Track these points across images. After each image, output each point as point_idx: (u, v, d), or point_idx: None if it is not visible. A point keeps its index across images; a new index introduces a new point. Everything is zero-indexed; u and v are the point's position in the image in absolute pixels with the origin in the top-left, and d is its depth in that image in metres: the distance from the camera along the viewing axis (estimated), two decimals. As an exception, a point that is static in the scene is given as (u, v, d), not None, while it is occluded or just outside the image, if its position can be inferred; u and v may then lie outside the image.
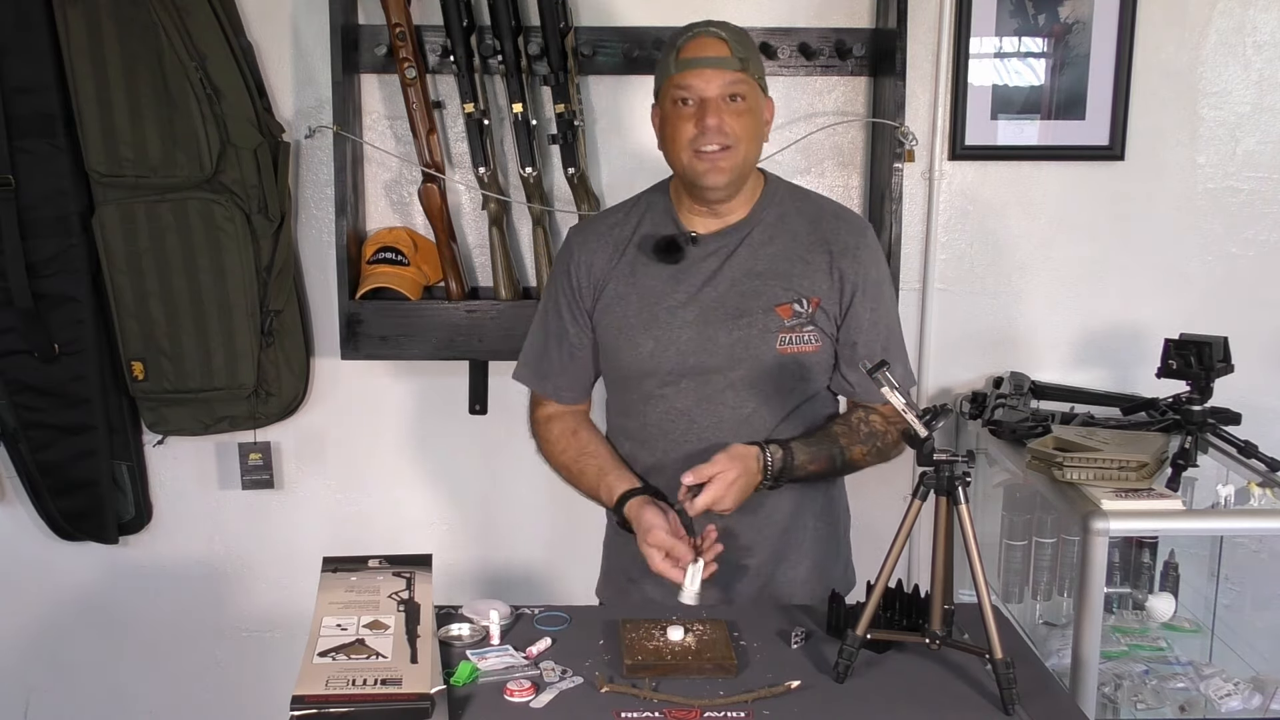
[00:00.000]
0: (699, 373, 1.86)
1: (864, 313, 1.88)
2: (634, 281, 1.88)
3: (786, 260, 1.86)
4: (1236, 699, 2.11)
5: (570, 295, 1.92)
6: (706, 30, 1.81)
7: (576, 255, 1.92)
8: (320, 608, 1.69)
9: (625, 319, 1.88)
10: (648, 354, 1.86)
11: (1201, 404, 2.25)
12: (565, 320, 1.93)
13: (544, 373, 1.98)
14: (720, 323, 1.84)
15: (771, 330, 1.84)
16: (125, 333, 2.50)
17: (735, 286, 1.85)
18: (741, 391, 1.87)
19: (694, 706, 1.54)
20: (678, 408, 1.89)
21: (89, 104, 2.38)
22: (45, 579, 2.77)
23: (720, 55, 1.78)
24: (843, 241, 1.87)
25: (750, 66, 1.81)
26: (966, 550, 1.60)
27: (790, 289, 1.85)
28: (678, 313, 1.85)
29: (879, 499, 2.73)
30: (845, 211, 1.96)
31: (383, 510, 2.76)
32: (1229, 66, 2.60)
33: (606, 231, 1.93)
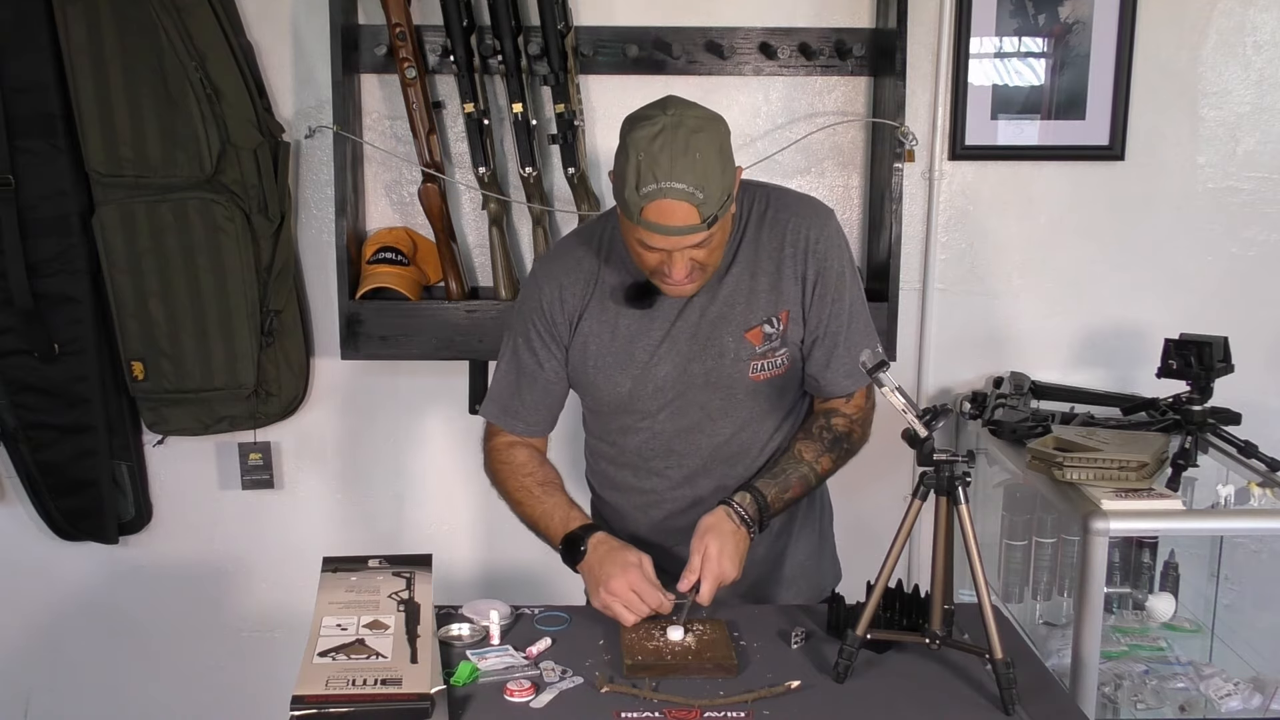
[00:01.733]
0: (675, 403, 1.85)
1: (825, 305, 1.82)
2: (606, 320, 1.83)
3: (752, 276, 1.80)
4: (1236, 699, 2.11)
5: (544, 329, 1.85)
6: (671, 191, 1.59)
7: (547, 290, 1.85)
8: (320, 608, 1.69)
9: (601, 357, 1.84)
10: (626, 392, 1.84)
11: (1201, 404, 2.25)
12: (540, 356, 1.87)
13: (514, 411, 1.92)
14: (694, 355, 1.81)
15: (744, 359, 1.81)
16: (125, 333, 2.50)
17: (705, 315, 1.80)
18: (719, 419, 1.86)
19: (694, 706, 1.54)
20: (657, 438, 1.88)
21: (89, 104, 2.38)
22: (45, 579, 2.77)
23: (687, 224, 1.61)
24: (803, 238, 1.80)
25: (718, 216, 1.63)
26: (966, 550, 1.59)
27: (758, 310, 1.80)
28: (654, 350, 1.82)
29: (879, 499, 2.74)
30: (803, 204, 1.85)
31: (383, 510, 2.76)
32: (1229, 66, 2.60)
33: (574, 266, 1.85)
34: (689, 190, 1.59)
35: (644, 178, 1.59)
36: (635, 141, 1.61)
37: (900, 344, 2.55)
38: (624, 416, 1.88)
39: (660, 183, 1.59)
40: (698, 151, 1.60)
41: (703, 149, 1.60)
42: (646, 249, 1.67)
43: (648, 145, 1.60)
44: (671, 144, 1.59)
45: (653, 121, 1.61)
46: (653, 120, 1.61)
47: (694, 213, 1.60)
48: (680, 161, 1.59)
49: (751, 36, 2.51)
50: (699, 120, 1.63)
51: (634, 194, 1.61)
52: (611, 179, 1.69)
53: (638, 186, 1.60)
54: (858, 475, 2.70)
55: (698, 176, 1.59)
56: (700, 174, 1.59)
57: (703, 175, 1.60)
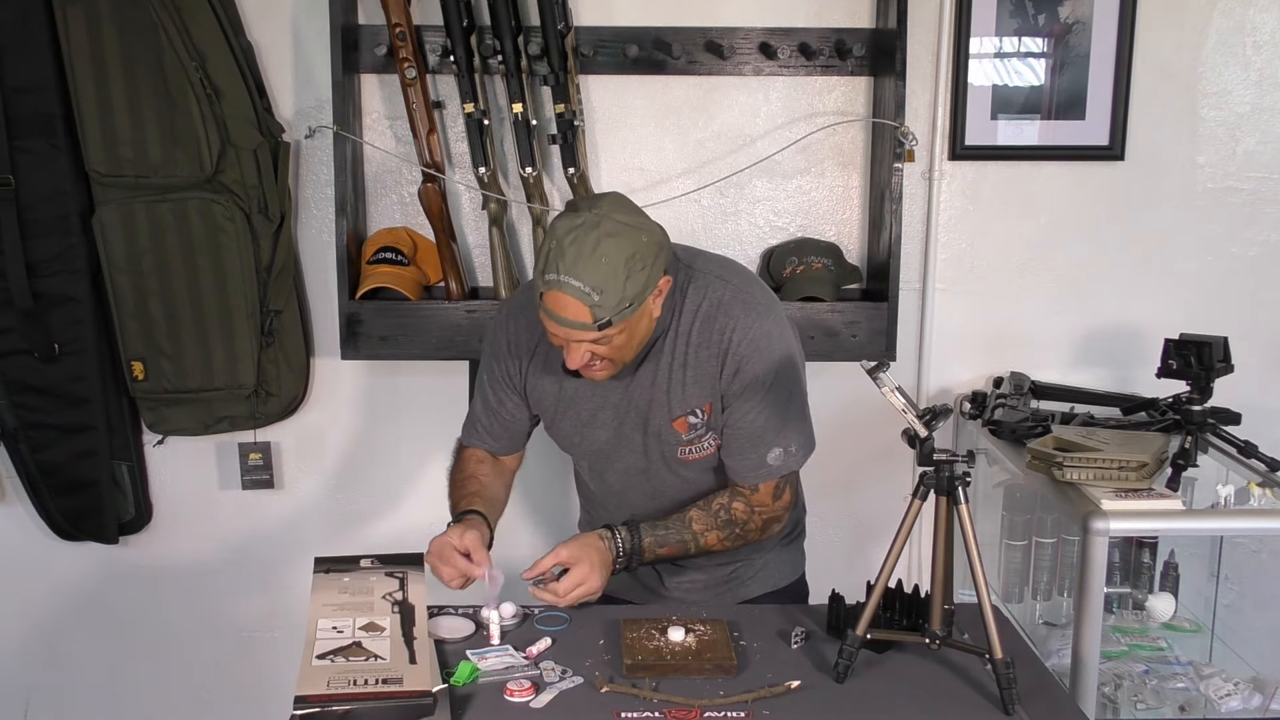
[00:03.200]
0: (622, 463, 1.94)
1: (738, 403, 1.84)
2: (552, 379, 1.91)
3: (681, 369, 1.83)
4: (1236, 699, 2.11)
5: (502, 375, 1.95)
6: (566, 285, 1.64)
7: (501, 342, 1.94)
8: (314, 610, 1.69)
9: (550, 411, 1.94)
10: (577, 444, 1.96)
11: (1201, 404, 2.25)
12: (501, 396, 1.96)
13: (478, 435, 2.02)
14: (633, 426, 1.89)
15: (672, 444, 1.89)
16: (125, 333, 2.50)
17: (642, 394, 1.86)
18: (655, 484, 1.94)
19: (694, 706, 1.54)
20: (604, 483, 2.00)
21: (89, 104, 2.38)
22: (45, 579, 2.77)
23: (578, 320, 1.66)
24: (727, 338, 1.81)
25: (615, 319, 1.67)
26: (966, 550, 1.60)
27: (685, 401, 1.85)
28: (596, 415, 1.90)
29: (879, 499, 2.74)
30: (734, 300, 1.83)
31: (382, 510, 2.76)
32: (1229, 66, 2.60)
33: (530, 321, 1.85)
34: (584, 289, 1.64)
35: (549, 265, 1.66)
36: (554, 229, 1.68)
37: (900, 344, 2.54)
38: (581, 461, 2.02)
39: (560, 275, 1.65)
40: (604, 256, 1.64)
41: (610, 254, 1.65)
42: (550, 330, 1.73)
43: (561, 236, 1.66)
44: (582, 241, 1.64)
45: (576, 215, 1.68)
46: (577, 214, 1.68)
47: (586, 312, 1.66)
48: (583, 262, 1.64)
49: (751, 36, 2.51)
50: (619, 226, 1.67)
51: (539, 277, 1.68)
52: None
53: (543, 272, 1.67)
54: (858, 475, 2.72)
55: (597, 279, 1.64)
56: (600, 278, 1.64)
57: (603, 279, 1.64)
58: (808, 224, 2.62)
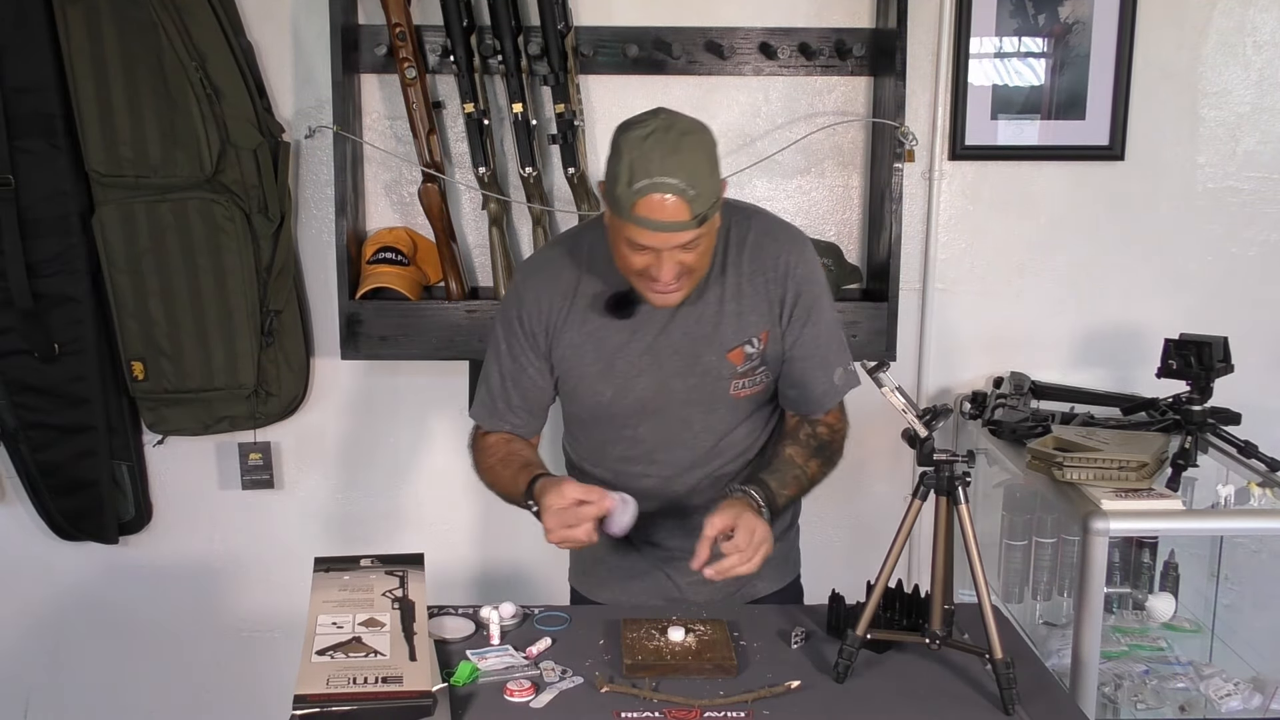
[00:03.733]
0: (657, 415, 1.88)
1: (801, 328, 1.86)
2: (588, 331, 1.85)
3: (735, 299, 1.83)
4: (1236, 699, 2.11)
5: (525, 339, 1.87)
6: (663, 185, 1.61)
7: (527, 299, 1.86)
8: (314, 606, 1.68)
9: (583, 368, 1.86)
10: (607, 401, 1.87)
11: (1201, 404, 2.25)
12: (522, 363, 1.88)
13: (500, 413, 1.92)
14: (676, 371, 1.84)
15: (725, 377, 1.85)
16: (125, 333, 2.50)
17: (688, 334, 1.83)
18: (698, 431, 1.90)
19: (694, 706, 1.54)
20: (638, 447, 1.91)
21: (89, 104, 2.38)
22: (45, 579, 2.77)
23: (677, 220, 1.63)
24: (782, 263, 1.83)
25: (708, 214, 1.66)
26: (966, 550, 1.60)
27: (741, 331, 1.83)
28: (634, 362, 1.84)
29: (879, 499, 2.74)
30: (783, 230, 1.89)
31: (383, 510, 2.76)
32: (1229, 66, 2.60)
33: (553, 276, 1.86)
34: (680, 185, 1.61)
35: (637, 173, 1.62)
36: (628, 141, 1.65)
37: (900, 344, 2.54)
38: (606, 426, 1.92)
39: (653, 177, 1.61)
40: (688, 151, 1.63)
41: (693, 149, 1.64)
42: (635, 249, 1.68)
43: (640, 143, 1.63)
44: (663, 142, 1.63)
45: (645, 124, 1.65)
46: (645, 124, 1.66)
47: (685, 208, 1.63)
48: (671, 159, 1.62)
49: (751, 36, 2.51)
50: (690, 124, 1.67)
51: (626, 190, 1.63)
52: (600, 187, 1.72)
53: (630, 182, 1.62)
54: (858, 475, 2.72)
55: (689, 173, 1.62)
56: (691, 171, 1.62)
57: (693, 172, 1.63)
58: (808, 224, 2.62)
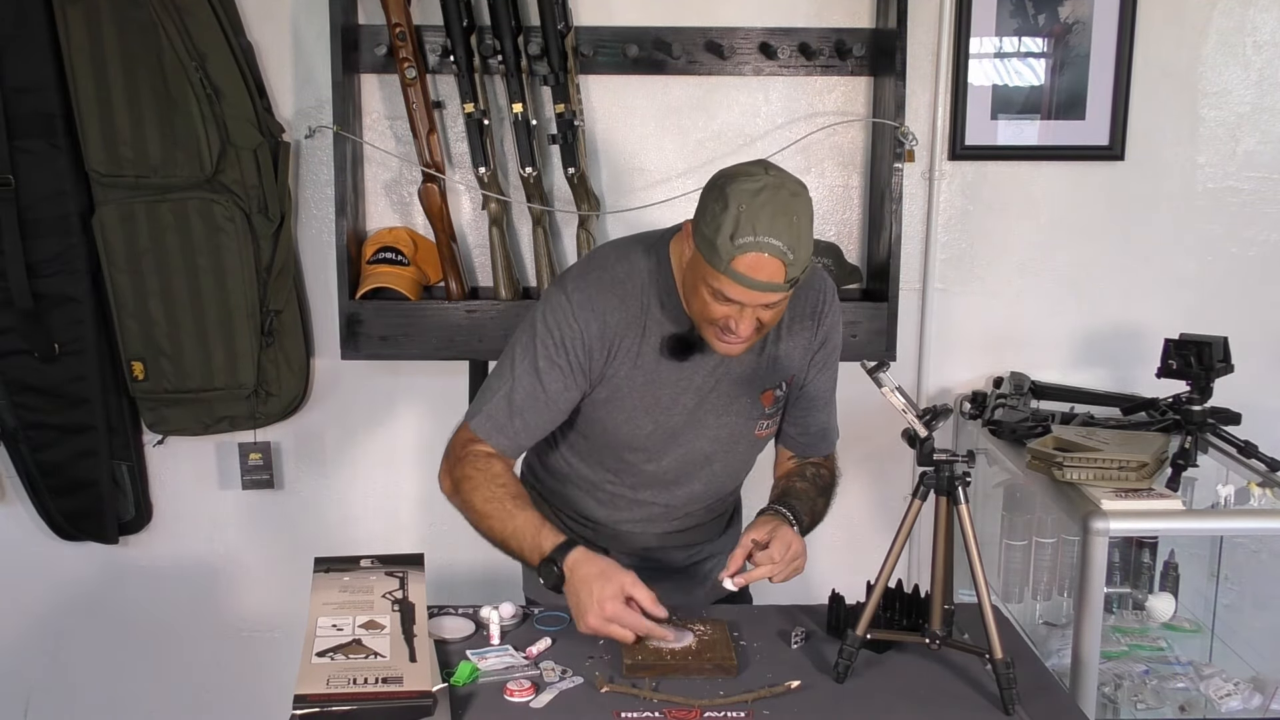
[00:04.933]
0: (684, 449, 1.89)
1: (822, 374, 1.90)
2: (644, 367, 1.80)
3: (775, 344, 1.84)
4: (1236, 699, 2.11)
5: (575, 360, 1.78)
6: (768, 246, 1.59)
7: (591, 321, 1.77)
8: (314, 608, 1.69)
9: (629, 399, 1.82)
10: (644, 434, 1.85)
11: (1201, 404, 2.25)
12: (558, 386, 1.79)
13: (511, 431, 1.82)
14: (711, 410, 1.85)
15: (754, 418, 1.88)
16: (125, 333, 2.50)
17: (732, 374, 1.83)
18: (715, 465, 1.92)
19: (694, 706, 1.54)
20: (651, 475, 1.91)
21: (89, 104, 2.38)
22: (45, 579, 2.77)
23: (773, 282, 1.61)
24: (820, 310, 1.86)
25: (800, 278, 1.65)
26: (966, 550, 1.60)
27: (775, 374, 1.86)
28: (678, 399, 1.83)
29: (879, 499, 2.74)
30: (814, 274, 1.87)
31: (382, 510, 2.76)
32: (1229, 66, 2.60)
33: (620, 302, 1.78)
34: (783, 249, 1.59)
35: (743, 229, 1.59)
36: (737, 193, 1.61)
37: (900, 344, 2.54)
38: (629, 454, 1.89)
39: (759, 236, 1.59)
40: (795, 214, 1.61)
41: (800, 213, 1.62)
42: (720, 300, 1.65)
43: (751, 199, 1.60)
44: (774, 201, 1.60)
45: (754, 178, 1.62)
46: (754, 177, 1.62)
47: (782, 271, 1.61)
48: (780, 220, 1.60)
49: (751, 36, 2.51)
50: (797, 185, 1.64)
51: (727, 243, 1.60)
52: (689, 228, 1.69)
53: (734, 236, 1.59)
54: (858, 475, 2.72)
55: (792, 237, 1.60)
56: (794, 236, 1.61)
57: (796, 237, 1.61)
58: (808, 224, 2.62)
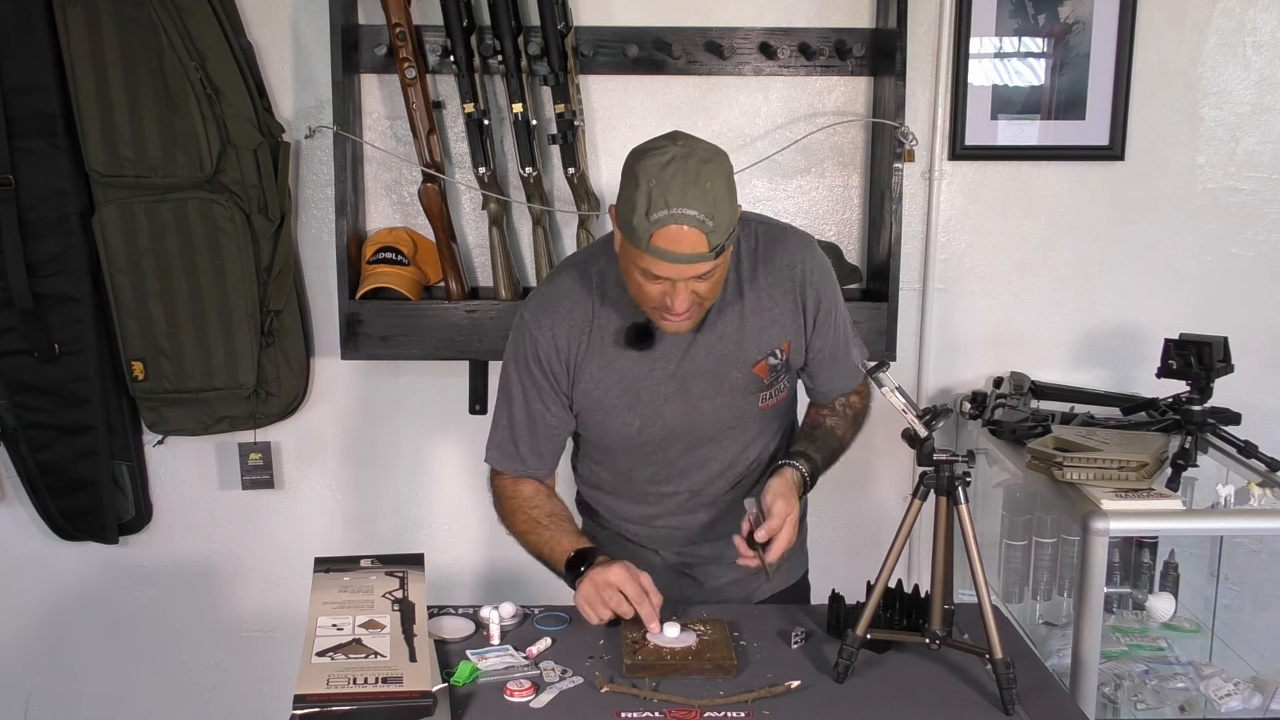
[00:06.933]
0: (688, 437, 1.88)
1: (826, 331, 1.88)
2: (609, 365, 1.82)
3: (755, 313, 1.82)
4: (1236, 699, 2.11)
5: (543, 379, 1.83)
6: (683, 217, 1.58)
7: (542, 339, 1.82)
8: (314, 608, 1.69)
9: (608, 401, 1.84)
10: (635, 430, 1.86)
11: (1201, 404, 2.25)
12: (541, 407, 1.85)
13: (520, 457, 1.89)
14: (703, 393, 1.83)
15: (753, 392, 1.86)
16: (125, 333, 2.50)
17: (711, 355, 1.82)
18: (727, 445, 1.90)
19: (694, 706, 1.54)
20: (669, 468, 1.91)
21: (89, 104, 2.38)
22: (45, 579, 2.77)
23: (696, 252, 1.60)
24: (798, 271, 1.82)
25: (725, 245, 1.63)
26: (966, 550, 1.60)
27: (764, 344, 1.83)
28: (659, 389, 1.83)
29: (879, 499, 2.74)
30: (786, 235, 1.87)
31: (382, 510, 2.76)
32: (1229, 66, 2.60)
33: (568, 312, 1.82)
34: (699, 218, 1.58)
35: (655, 204, 1.59)
36: (645, 169, 1.60)
37: (900, 344, 2.54)
38: (634, 453, 1.91)
39: (672, 209, 1.58)
40: (708, 181, 1.60)
41: (713, 179, 1.61)
42: (650, 279, 1.66)
43: (659, 172, 1.59)
44: (683, 172, 1.59)
45: (662, 151, 1.62)
46: (662, 150, 1.62)
47: (703, 240, 1.60)
48: (691, 189, 1.59)
49: (751, 36, 2.51)
50: (708, 151, 1.63)
51: (643, 220, 1.59)
52: (613, 213, 1.69)
53: (648, 213, 1.59)
54: (858, 475, 2.72)
55: (708, 205, 1.59)
56: (710, 203, 1.59)
57: (712, 204, 1.60)
58: (808, 224, 2.62)
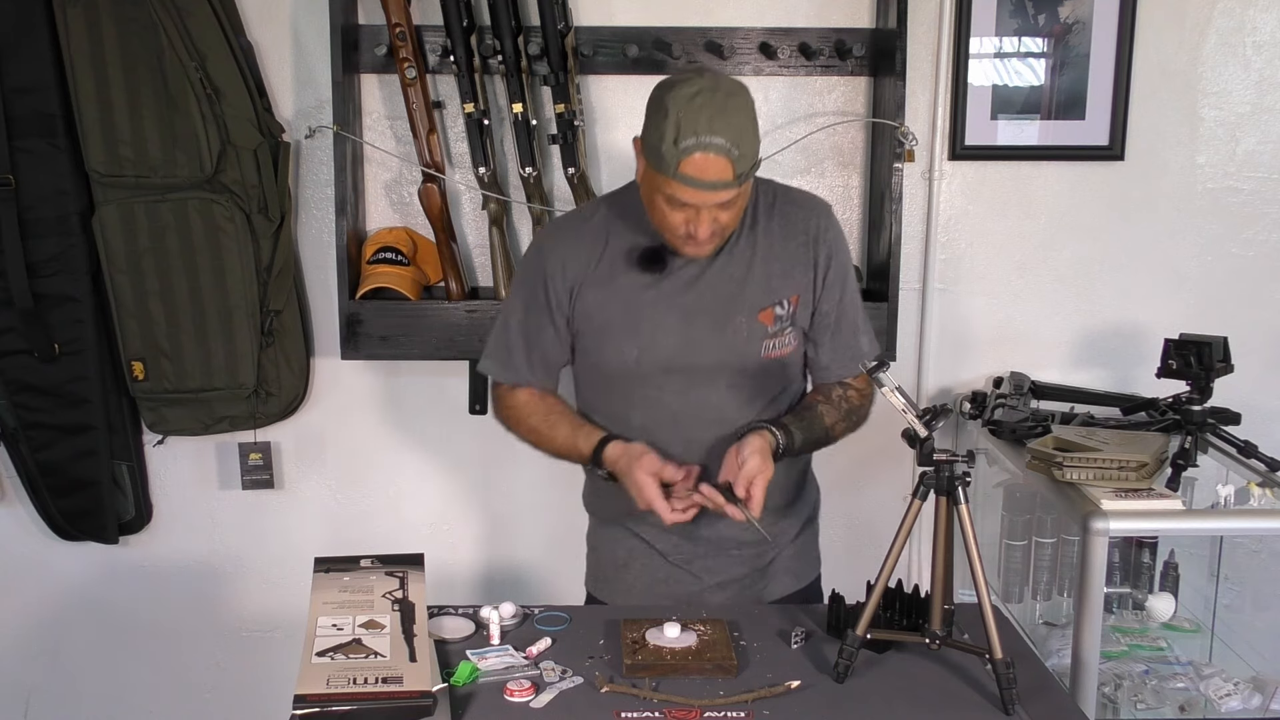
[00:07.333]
0: (684, 373, 1.87)
1: (835, 294, 1.90)
2: (614, 287, 1.85)
3: (765, 261, 1.85)
4: (1236, 699, 2.11)
5: (546, 297, 1.88)
6: (711, 145, 1.65)
7: (550, 261, 1.87)
8: (314, 608, 1.68)
9: (608, 324, 1.86)
10: (633, 358, 1.86)
11: (1201, 404, 2.25)
12: (541, 323, 1.89)
13: (514, 368, 1.94)
14: (705, 327, 1.85)
15: (756, 338, 1.86)
16: (125, 333, 2.50)
17: (717, 294, 1.84)
18: (724, 392, 1.89)
19: (694, 706, 1.54)
20: (663, 408, 1.89)
21: (89, 104, 2.38)
22: (45, 579, 2.77)
23: (722, 179, 1.67)
24: (812, 226, 1.88)
25: (749, 174, 1.71)
26: (966, 550, 1.60)
27: (771, 292, 1.85)
28: (661, 319, 1.84)
29: (879, 499, 2.74)
30: (806, 197, 1.95)
31: (382, 510, 2.76)
32: (1229, 66, 2.60)
33: (577, 236, 1.88)
34: (726, 146, 1.65)
35: (684, 132, 1.64)
36: (674, 99, 1.66)
37: (900, 344, 2.55)
38: (628, 387, 1.90)
39: (700, 137, 1.64)
40: (735, 111, 1.67)
41: (738, 110, 1.68)
42: (675, 207, 1.71)
43: (687, 103, 1.65)
44: (710, 103, 1.65)
45: (690, 83, 1.68)
46: (690, 81, 1.68)
47: (729, 168, 1.66)
48: (719, 119, 1.65)
49: (751, 36, 2.51)
50: (734, 85, 1.71)
51: (672, 148, 1.65)
52: (637, 144, 1.75)
53: (677, 140, 1.65)
54: (858, 475, 2.72)
55: (734, 134, 1.65)
56: (736, 132, 1.66)
57: (738, 133, 1.66)
58: (808, 224, 2.62)
